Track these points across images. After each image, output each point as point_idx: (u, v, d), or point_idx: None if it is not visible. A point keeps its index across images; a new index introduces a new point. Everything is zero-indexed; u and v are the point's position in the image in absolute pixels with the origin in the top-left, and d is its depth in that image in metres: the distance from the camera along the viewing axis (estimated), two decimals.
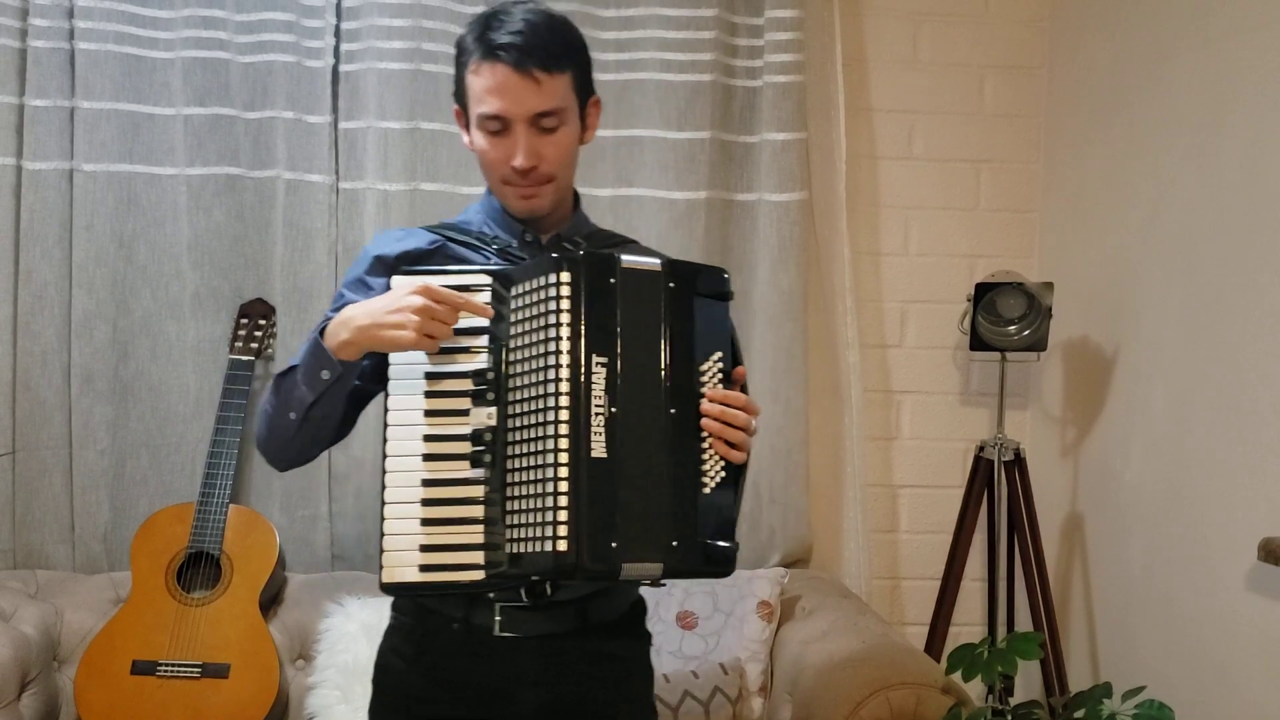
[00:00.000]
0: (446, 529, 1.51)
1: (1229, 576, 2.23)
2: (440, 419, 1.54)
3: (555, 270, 1.46)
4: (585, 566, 1.41)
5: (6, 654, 2.26)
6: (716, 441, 1.51)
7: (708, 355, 1.53)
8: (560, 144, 1.64)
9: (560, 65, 1.61)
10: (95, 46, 2.65)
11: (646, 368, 1.49)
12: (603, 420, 1.44)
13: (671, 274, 1.52)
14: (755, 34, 2.84)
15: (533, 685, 1.62)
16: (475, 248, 1.69)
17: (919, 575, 3.03)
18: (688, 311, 1.52)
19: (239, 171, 2.74)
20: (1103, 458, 2.72)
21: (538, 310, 1.48)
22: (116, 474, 2.72)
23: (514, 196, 1.66)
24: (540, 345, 1.47)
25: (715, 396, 1.51)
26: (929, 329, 3.02)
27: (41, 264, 2.66)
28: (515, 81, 1.58)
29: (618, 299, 1.47)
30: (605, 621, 1.67)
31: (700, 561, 1.48)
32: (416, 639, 1.66)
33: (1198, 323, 2.37)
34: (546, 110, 1.60)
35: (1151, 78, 2.56)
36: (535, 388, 1.47)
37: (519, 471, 1.47)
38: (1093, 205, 2.80)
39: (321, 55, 2.72)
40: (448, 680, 1.63)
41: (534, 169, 1.62)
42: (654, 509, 1.46)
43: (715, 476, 1.51)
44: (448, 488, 1.52)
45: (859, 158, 2.97)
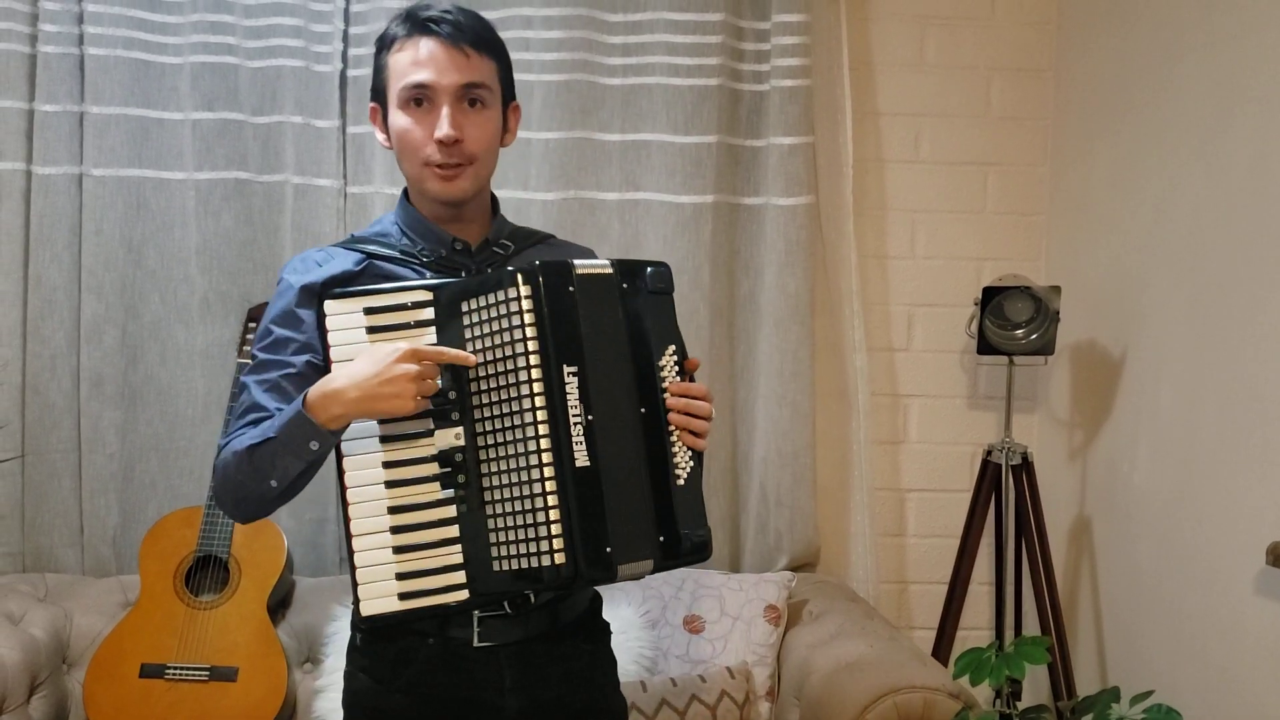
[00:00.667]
0: (423, 554, 1.50)
1: (1237, 581, 2.23)
2: (399, 444, 1.52)
3: (513, 283, 1.46)
4: (584, 575, 1.43)
5: (16, 657, 2.27)
6: (683, 433, 1.53)
7: (663, 350, 1.55)
8: (484, 125, 1.63)
9: (488, 49, 1.64)
10: (104, 52, 2.67)
11: (614, 370, 1.50)
12: (581, 429, 1.45)
13: (622, 274, 1.54)
14: (762, 38, 2.84)
15: (511, 692, 1.62)
16: (403, 262, 1.65)
17: (926, 579, 3.03)
18: (641, 309, 1.54)
19: (247, 176, 2.75)
20: (1110, 461, 2.72)
21: (499, 325, 1.47)
22: (125, 478, 2.73)
23: (434, 179, 1.62)
24: (507, 361, 1.46)
25: (677, 390, 1.54)
26: (936, 332, 3.01)
27: (51, 268, 2.68)
28: (444, 53, 1.59)
29: (578, 306, 1.48)
30: (572, 620, 1.69)
31: (685, 551, 1.50)
32: (390, 658, 1.63)
33: (1205, 326, 2.37)
34: (474, 82, 1.61)
35: (1158, 80, 2.56)
36: (506, 404, 1.46)
37: (499, 489, 1.47)
38: (1100, 208, 2.80)
39: (329, 60, 2.73)
40: (427, 696, 1.62)
41: (458, 143, 1.60)
42: (638, 508, 1.48)
43: (686, 467, 1.53)
44: (418, 512, 1.51)
45: (866, 161, 2.96)
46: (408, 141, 1.63)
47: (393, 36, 1.64)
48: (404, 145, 1.64)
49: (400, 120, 1.63)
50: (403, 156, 1.66)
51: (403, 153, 1.65)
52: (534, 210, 2.75)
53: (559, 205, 2.76)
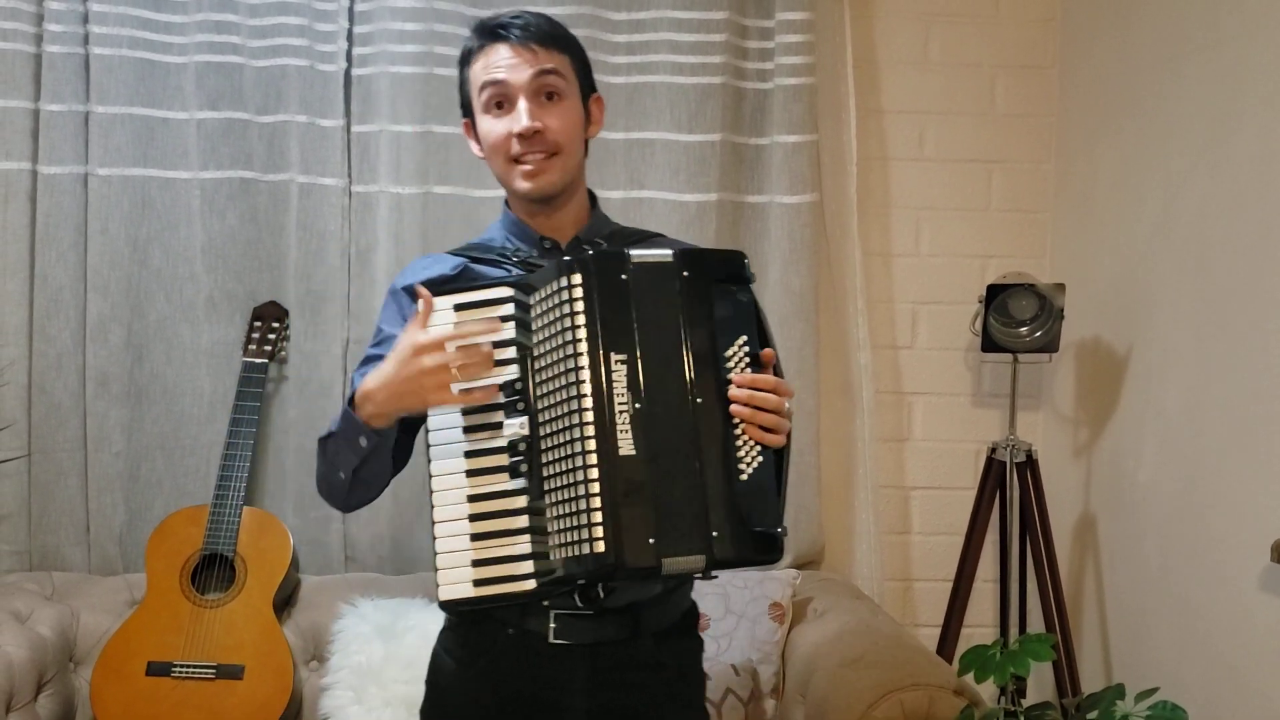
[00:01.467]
0: (495, 542, 1.52)
1: (1242, 578, 2.23)
2: (478, 434, 1.54)
3: (566, 273, 1.47)
4: (626, 565, 1.41)
5: (23, 655, 2.28)
6: (749, 427, 1.48)
7: (732, 341, 1.52)
8: (563, 114, 1.66)
9: (556, 44, 1.68)
10: (109, 52, 2.67)
11: (668, 360, 1.48)
12: (628, 417, 1.44)
13: (685, 263, 1.52)
14: (766, 36, 2.84)
15: (582, 693, 1.62)
16: (497, 263, 1.70)
17: (931, 577, 3.03)
18: (706, 298, 1.51)
19: (252, 175, 2.75)
20: (1115, 459, 2.72)
21: (555, 315, 1.48)
22: (131, 476, 2.74)
23: (521, 176, 1.66)
24: (561, 350, 1.47)
25: (742, 381, 1.49)
26: (940, 330, 3.01)
27: (56, 268, 2.68)
28: (514, 54, 1.64)
29: (631, 294, 1.47)
30: (658, 629, 1.67)
31: (745, 550, 1.47)
32: (471, 643, 1.67)
33: (1210, 323, 2.37)
34: (545, 69, 1.64)
35: (1163, 77, 2.56)
36: (560, 392, 1.47)
37: (554, 477, 1.48)
38: (1105, 205, 2.80)
39: (334, 59, 2.73)
40: (499, 685, 1.64)
41: (538, 134, 1.63)
42: (689, 501, 1.45)
43: (752, 463, 1.48)
44: (492, 501, 1.53)
45: (870, 159, 2.96)
46: (492, 142, 1.67)
47: (468, 50, 1.71)
48: (490, 147, 1.69)
49: (484, 124, 1.68)
50: (491, 159, 1.70)
51: (490, 155, 1.70)
52: None
53: None
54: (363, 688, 2.39)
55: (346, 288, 2.76)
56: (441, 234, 2.77)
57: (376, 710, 2.36)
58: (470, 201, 2.79)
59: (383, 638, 2.43)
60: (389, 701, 2.37)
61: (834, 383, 2.92)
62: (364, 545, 2.77)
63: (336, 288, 2.75)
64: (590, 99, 1.74)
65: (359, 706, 2.37)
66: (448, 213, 2.78)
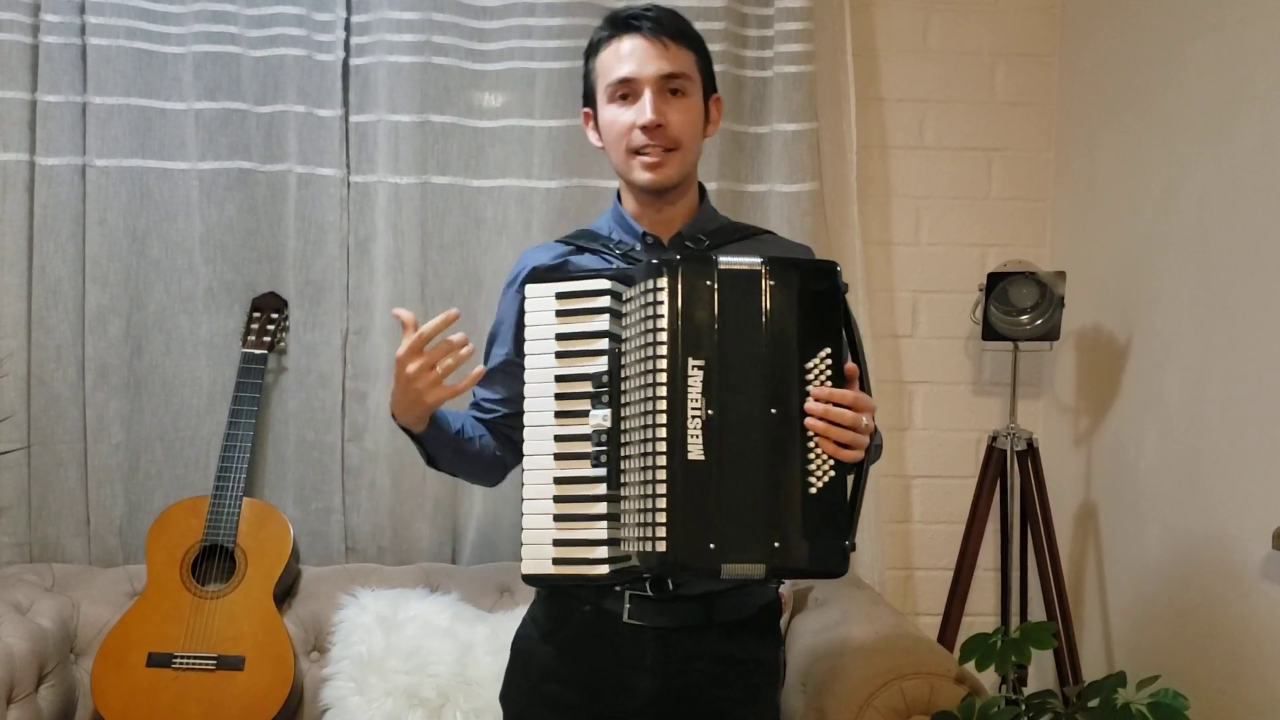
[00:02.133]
0: (575, 524, 1.57)
1: (1244, 566, 2.23)
2: (567, 419, 1.60)
3: (654, 275, 1.51)
4: (685, 565, 1.46)
5: (24, 647, 2.28)
6: (823, 441, 1.49)
7: (815, 352, 1.51)
8: (685, 111, 1.70)
9: (687, 41, 1.72)
10: (107, 42, 2.66)
11: (746, 368, 1.50)
12: (699, 423, 1.48)
13: (772, 272, 1.52)
14: (765, 24, 2.83)
15: (651, 674, 1.66)
16: (600, 253, 1.75)
17: (932, 565, 3.03)
18: (791, 308, 1.52)
19: (250, 165, 2.75)
20: (1116, 447, 2.72)
21: (641, 315, 1.52)
22: (131, 468, 2.74)
23: (640, 166, 1.70)
24: (644, 349, 1.51)
25: (820, 395, 1.50)
26: (941, 319, 3.01)
27: (55, 259, 2.68)
28: (644, 46, 1.69)
29: (715, 301, 1.50)
30: (731, 621, 1.70)
31: (806, 561, 1.48)
32: (554, 615, 1.74)
33: (1212, 311, 2.36)
34: (673, 72, 1.69)
35: (1164, 64, 2.55)
36: (641, 390, 1.51)
37: (630, 472, 1.53)
38: (1105, 193, 2.79)
39: (332, 49, 2.72)
40: (575, 658, 1.71)
41: (660, 128, 1.67)
42: (754, 510, 1.48)
43: (824, 477, 1.49)
44: (574, 485, 1.58)
45: (870, 147, 2.96)
46: (614, 132, 1.71)
47: (598, 40, 1.74)
48: (611, 136, 1.72)
49: (608, 114, 1.72)
50: (611, 149, 1.74)
51: (611, 144, 1.73)
52: (537, 198, 2.75)
53: (561, 193, 2.75)
54: (363, 678, 2.39)
55: (345, 278, 2.76)
56: (440, 224, 2.77)
57: (377, 700, 2.36)
58: (469, 191, 2.78)
59: (383, 628, 2.43)
60: (390, 692, 2.36)
61: None
62: (364, 536, 2.77)
63: (335, 278, 2.75)
64: (710, 98, 1.78)
65: (360, 697, 2.37)
66: (446, 202, 2.77)
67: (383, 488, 2.76)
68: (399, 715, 2.35)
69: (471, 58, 2.78)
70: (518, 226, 2.77)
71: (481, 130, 2.79)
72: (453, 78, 2.77)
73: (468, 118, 2.79)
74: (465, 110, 2.78)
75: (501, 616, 2.50)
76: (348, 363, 2.76)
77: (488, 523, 2.78)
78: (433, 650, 2.40)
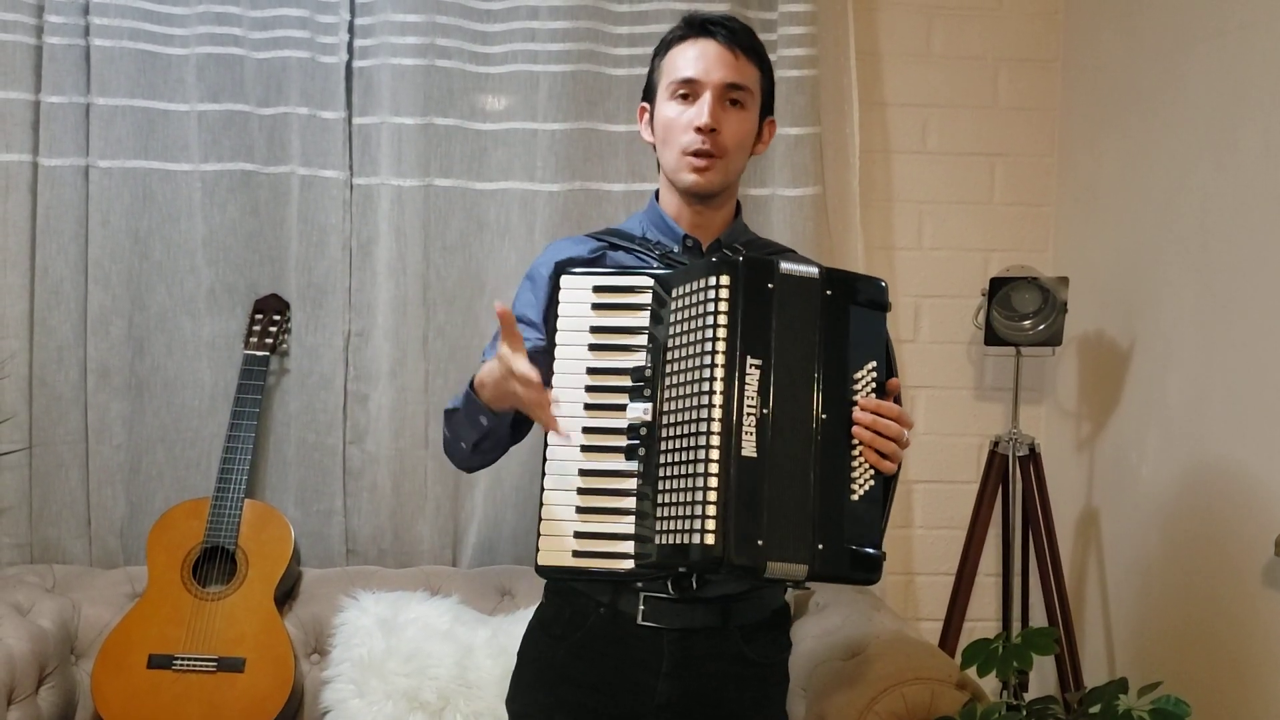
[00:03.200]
0: (600, 517, 1.57)
1: (1246, 572, 2.22)
2: (599, 413, 1.60)
3: (715, 274, 1.51)
4: (731, 561, 1.45)
5: (24, 648, 2.27)
6: (867, 450, 1.53)
7: (862, 364, 1.56)
8: (740, 123, 1.73)
9: (755, 57, 1.75)
10: (110, 43, 2.66)
11: (800, 372, 1.52)
12: (754, 420, 1.48)
13: (829, 281, 1.56)
14: (768, 28, 2.83)
15: (667, 676, 1.66)
16: (636, 253, 1.76)
17: (933, 570, 3.03)
18: (843, 319, 1.55)
19: (253, 167, 2.74)
20: (1118, 452, 2.71)
21: (697, 311, 1.52)
22: (132, 469, 2.73)
23: (689, 169, 1.72)
24: (698, 345, 1.51)
25: (868, 405, 1.53)
26: (943, 324, 3.01)
27: (57, 260, 2.68)
28: (717, 51, 1.72)
29: (774, 303, 1.51)
30: (747, 624, 1.70)
31: (846, 567, 1.50)
32: (565, 618, 1.72)
33: (1214, 316, 2.36)
34: (737, 83, 1.71)
35: (1167, 69, 2.55)
36: (691, 385, 1.51)
37: (671, 466, 1.52)
38: (1108, 198, 2.79)
39: (336, 51, 2.72)
40: (588, 661, 1.69)
41: (714, 133, 1.69)
42: (801, 511, 1.49)
43: (864, 485, 1.53)
44: (603, 478, 1.58)
45: (872, 152, 2.96)
46: (671, 129, 1.73)
47: (671, 38, 1.77)
48: (666, 133, 1.74)
49: (666, 111, 1.74)
50: (664, 145, 1.76)
51: (664, 141, 1.75)
52: (540, 201, 2.75)
53: (564, 196, 2.75)
54: (364, 681, 2.38)
55: (348, 280, 2.76)
56: (443, 226, 2.77)
57: (378, 703, 2.35)
58: (472, 194, 2.78)
59: (384, 631, 2.43)
60: (390, 694, 2.36)
61: None
62: (365, 538, 2.77)
63: (338, 280, 2.75)
64: (765, 120, 1.81)
65: (360, 700, 2.37)
66: (449, 205, 2.77)
67: (384, 490, 2.76)
68: (399, 718, 2.34)
69: (475, 60, 2.78)
70: (520, 229, 2.77)
71: (485, 133, 2.79)
72: (456, 80, 2.77)
73: (471, 120, 2.79)
74: (468, 113, 2.78)
75: (502, 620, 2.50)
76: (349, 365, 2.76)
77: (488, 526, 2.78)
78: (433, 653, 2.39)
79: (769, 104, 1.81)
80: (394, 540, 2.77)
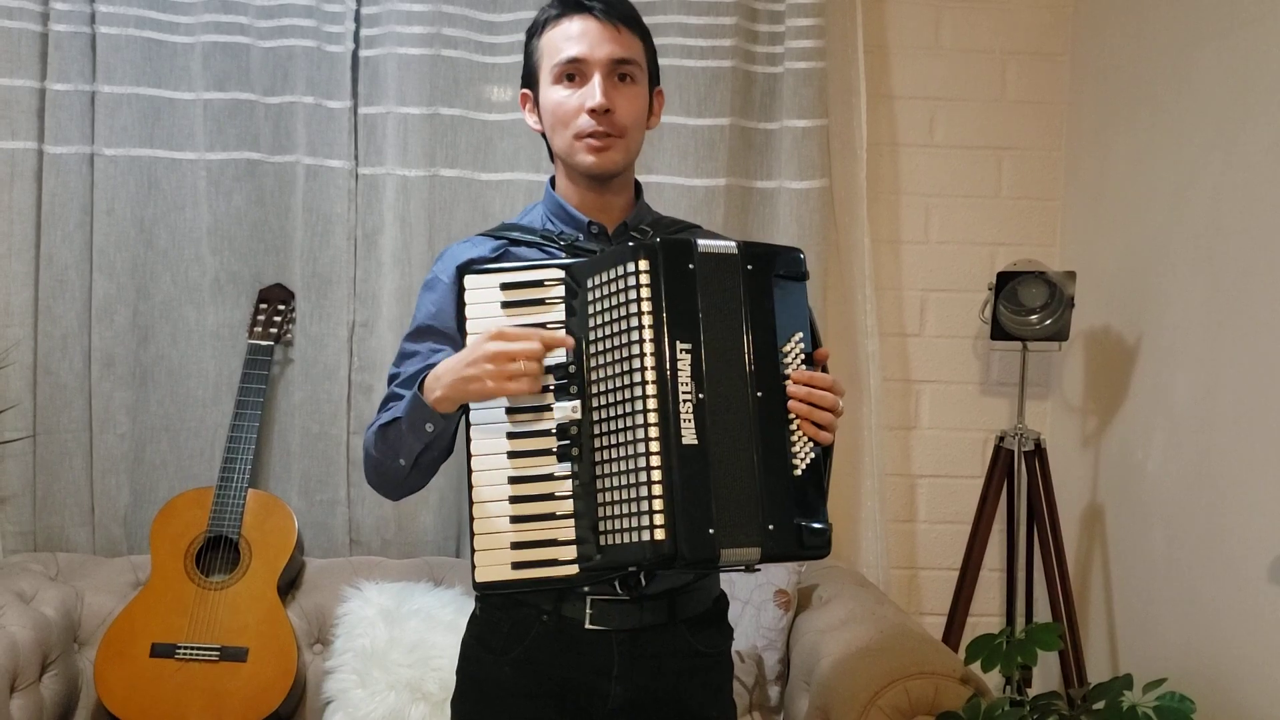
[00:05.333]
0: (537, 525, 1.50)
1: (1252, 569, 2.22)
2: (523, 415, 1.52)
3: (633, 259, 1.46)
4: (684, 555, 1.41)
5: (28, 635, 2.28)
6: (804, 423, 1.50)
7: (789, 336, 1.53)
8: (633, 99, 1.66)
9: (637, 28, 1.68)
10: (116, 31, 2.66)
11: (730, 352, 1.48)
12: (691, 406, 1.44)
13: (748, 256, 1.51)
14: (776, 20, 2.82)
15: (618, 679, 1.62)
16: (540, 245, 1.69)
17: (937, 565, 3.02)
18: (766, 293, 1.51)
19: (259, 156, 2.74)
20: (1124, 448, 2.70)
21: (617, 300, 1.47)
22: (136, 458, 2.73)
23: (585, 150, 1.64)
24: (622, 335, 1.46)
25: (800, 378, 1.51)
26: (949, 318, 3.00)
27: (62, 248, 2.67)
28: (597, 28, 1.63)
29: (697, 284, 1.47)
30: (691, 616, 1.67)
31: (796, 544, 1.47)
32: (505, 631, 1.66)
33: (1221, 312, 2.35)
34: (624, 58, 1.64)
35: (1176, 64, 2.54)
36: (620, 378, 1.46)
37: (609, 463, 1.47)
38: (1116, 193, 2.78)
39: (342, 40, 2.72)
40: (536, 672, 1.63)
41: (609, 113, 1.63)
42: (747, 493, 1.45)
43: (805, 458, 1.50)
44: (536, 484, 1.51)
45: (880, 145, 2.95)
46: (560, 114, 1.65)
47: (545, 19, 1.69)
48: (556, 118, 1.66)
49: (553, 95, 1.66)
50: (554, 131, 1.68)
51: (554, 127, 1.67)
52: None
53: None
54: (366, 671, 2.39)
55: (353, 270, 2.76)
56: (448, 217, 2.76)
57: (380, 693, 2.36)
58: (477, 185, 2.78)
59: (387, 621, 2.43)
60: (393, 685, 2.36)
61: (841, 370, 2.90)
62: (368, 528, 2.77)
63: (342, 270, 2.74)
64: (654, 91, 1.75)
65: (363, 690, 2.37)
66: (454, 196, 2.77)
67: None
68: (401, 708, 2.35)
69: (481, 50, 2.77)
70: None
71: (490, 123, 2.79)
72: (462, 70, 2.76)
73: (477, 111, 2.78)
74: (474, 103, 2.78)
75: None
76: (354, 355, 2.76)
77: None
78: (436, 644, 2.39)
79: (655, 74, 1.74)
80: (397, 531, 2.77)
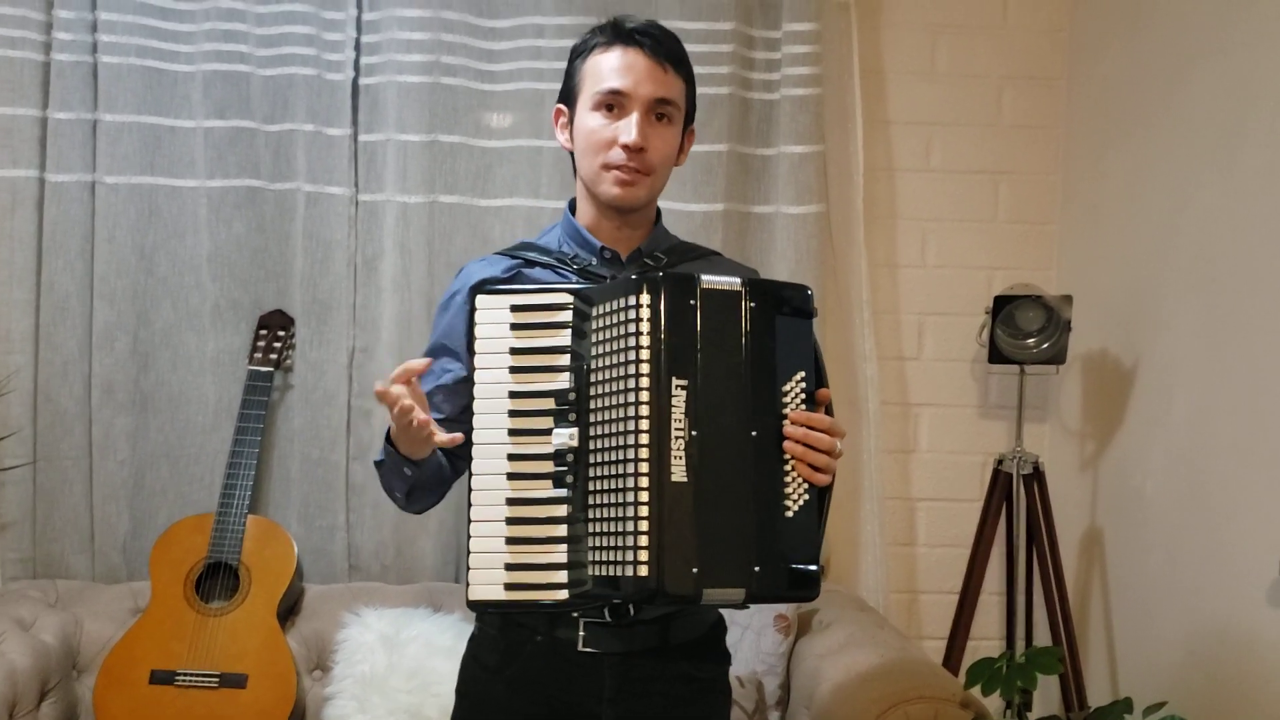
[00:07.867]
0: (530, 548, 1.50)
1: (1250, 591, 2.22)
2: (524, 438, 1.52)
3: (635, 292, 1.46)
4: (666, 591, 1.41)
5: (27, 663, 2.27)
6: (799, 464, 1.48)
7: (790, 375, 1.51)
8: (667, 139, 1.66)
9: (683, 69, 1.68)
10: (117, 60, 2.68)
11: (727, 389, 1.47)
12: (683, 444, 1.43)
13: (752, 293, 1.50)
14: (772, 47, 2.84)
15: (611, 702, 1.62)
16: (554, 267, 1.69)
17: (937, 589, 3.02)
18: (769, 330, 1.50)
19: (259, 184, 2.76)
20: (1122, 471, 2.71)
21: (618, 332, 1.47)
22: (136, 484, 2.74)
23: (612, 182, 1.65)
24: (621, 368, 1.46)
25: (798, 418, 1.49)
26: (947, 341, 3.01)
27: (63, 275, 2.69)
28: (645, 64, 1.63)
29: (698, 320, 1.46)
30: (686, 641, 1.67)
31: (783, 586, 1.47)
32: (500, 649, 1.67)
33: (1218, 335, 2.36)
34: (665, 98, 1.64)
35: (1171, 88, 2.55)
36: (616, 410, 1.46)
37: (600, 494, 1.47)
38: (1112, 217, 2.79)
39: (342, 68, 2.74)
40: (529, 692, 1.64)
41: (641, 151, 1.63)
42: (735, 533, 1.45)
43: (798, 499, 1.49)
44: (531, 507, 1.51)
45: (876, 170, 2.96)
46: (594, 141, 1.65)
47: (594, 43, 1.68)
48: (589, 144, 1.66)
49: (589, 121, 1.65)
50: (584, 156, 1.68)
51: (585, 152, 1.67)
52: (544, 218, 2.75)
53: None
54: (366, 697, 2.38)
55: (353, 296, 2.77)
56: (447, 243, 2.78)
57: None
58: (476, 211, 2.79)
59: (386, 647, 2.43)
60: (392, 711, 2.36)
61: (839, 394, 2.90)
62: (368, 554, 2.77)
63: (342, 296, 2.75)
64: (687, 131, 1.74)
65: (362, 716, 2.37)
66: (453, 222, 2.78)
67: (386, 506, 2.71)
68: None
69: (480, 78, 2.79)
70: None
71: (490, 150, 2.80)
72: (461, 98, 2.78)
73: (476, 137, 2.80)
74: (474, 130, 2.80)
75: None
76: (353, 381, 2.77)
77: None
78: (435, 669, 2.39)
79: (691, 114, 1.74)
80: (396, 556, 2.77)
